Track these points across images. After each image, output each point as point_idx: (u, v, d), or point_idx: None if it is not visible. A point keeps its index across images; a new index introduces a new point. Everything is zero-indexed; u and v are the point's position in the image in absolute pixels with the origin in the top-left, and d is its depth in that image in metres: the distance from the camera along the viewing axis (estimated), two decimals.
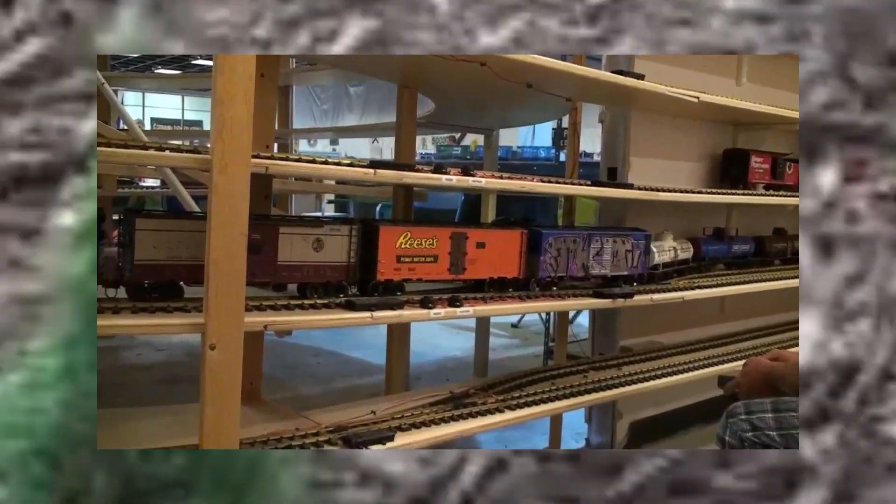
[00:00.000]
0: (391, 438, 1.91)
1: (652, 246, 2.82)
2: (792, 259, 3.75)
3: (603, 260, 2.61)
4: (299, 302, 1.88)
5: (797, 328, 1.40)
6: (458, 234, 2.19)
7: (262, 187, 2.18)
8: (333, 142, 15.23)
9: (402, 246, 2.05)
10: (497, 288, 2.32)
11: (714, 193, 3.15)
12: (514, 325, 6.27)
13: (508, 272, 2.34)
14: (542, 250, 2.40)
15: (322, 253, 1.94)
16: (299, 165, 1.80)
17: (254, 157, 1.59)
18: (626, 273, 2.70)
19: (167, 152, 1.61)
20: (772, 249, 3.70)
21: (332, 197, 10.21)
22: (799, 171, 2.98)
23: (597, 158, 4.85)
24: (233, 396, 1.58)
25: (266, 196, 2.25)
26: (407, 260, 2.07)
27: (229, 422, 1.57)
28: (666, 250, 2.95)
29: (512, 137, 13.82)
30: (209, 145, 1.55)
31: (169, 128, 18.40)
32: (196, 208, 3.03)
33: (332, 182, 5.10)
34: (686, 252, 3.14)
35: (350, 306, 1.90)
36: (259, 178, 1.79)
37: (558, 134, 11.75)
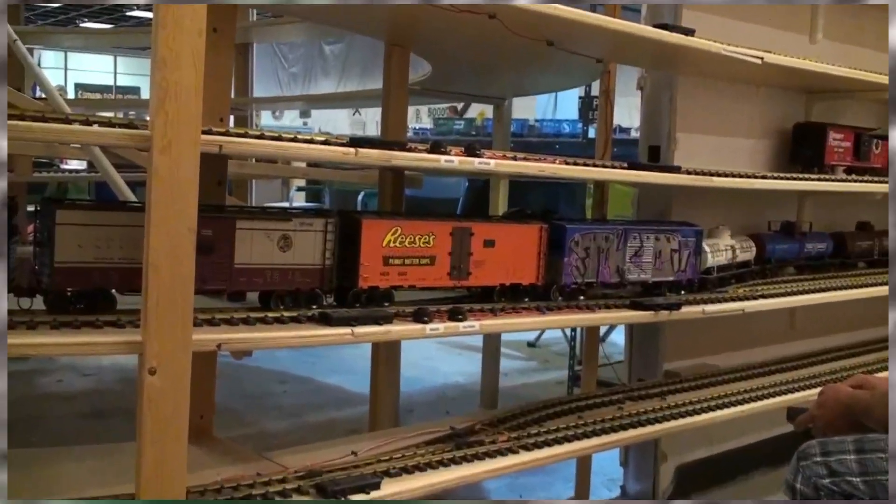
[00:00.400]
0: (377, 486, 1.91)
1: (704, 245, 2.82)
2: (880, 261, 3.75)
3: (642, 262, 2.62)
4: (261, 315, 1.88)
5: (886, 347, 1.40)
6: (460, 230, 2.19)
7: (214, 171, 2.19)
8: (304, 114, 15.25)
9: (391, 244, 2.06)
10: (509, 297, 2.32)
11: (782, 179, 3.15)
12: (530, 344, 6.28)
13: (524, 277, 2.34)
14: (566, 250, 2.40)
15: (290, 253, 1.94)
16: (261, 144, 1.80)
17: (204, 132, 1.60)
18: (671, 279, 2.70)
19: (95, 127, 1.61)
20: (854, 249, 3.70)
21: (302, 183, 10.23)
22: None
23: (635, 135, 4.86)
24: (178, 433, 1.58)
25: (219, 182, 2.25)
26: (397, 262, 2.07)
27: (174, 465, 1.57)
28: (722, 250, 2.95)
29: (528, 108, 13.85)
30: (148, 118, 1.55)
31: (98, 96, 18.44)
32: (132, 197, 3.03)
33: (303, 165, 5.11)
34: (747, 252, 3.15)
35: (325, 320, 1.90)
36: (211, 159, 1.79)
37: (586, 104, 11.74)
